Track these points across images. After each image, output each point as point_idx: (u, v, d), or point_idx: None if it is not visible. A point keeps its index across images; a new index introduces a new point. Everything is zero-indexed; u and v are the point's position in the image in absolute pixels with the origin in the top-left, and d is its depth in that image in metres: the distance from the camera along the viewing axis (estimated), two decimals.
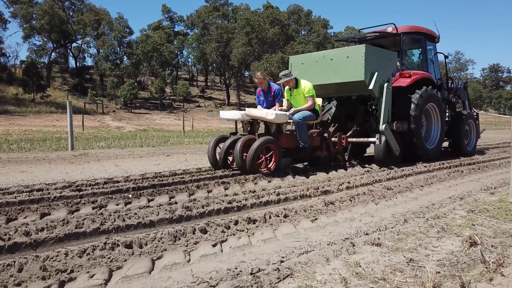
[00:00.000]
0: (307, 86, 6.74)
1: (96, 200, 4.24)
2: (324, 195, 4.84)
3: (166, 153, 10.17)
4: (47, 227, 2.98)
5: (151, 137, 19.51)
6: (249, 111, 6.37)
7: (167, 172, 6.28)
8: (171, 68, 58.95)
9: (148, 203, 4.34)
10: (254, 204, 4.11)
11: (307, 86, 6.74)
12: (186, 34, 61.79)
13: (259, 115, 6.26)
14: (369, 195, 4.73)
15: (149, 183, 5.17)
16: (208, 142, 6.83)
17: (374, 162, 7.54)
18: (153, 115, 45.32)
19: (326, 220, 3.69)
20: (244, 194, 4.67)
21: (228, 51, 51.18)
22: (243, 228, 3.31)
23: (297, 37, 51.52)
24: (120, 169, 7.02)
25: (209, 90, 63.44)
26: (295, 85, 6.83)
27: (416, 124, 7.44)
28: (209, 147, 6.49)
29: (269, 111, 6.29)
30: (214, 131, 31.71)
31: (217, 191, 5.03)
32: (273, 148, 6.19)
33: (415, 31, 8.38)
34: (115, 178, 5.74)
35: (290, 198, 4.48)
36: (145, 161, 8.19)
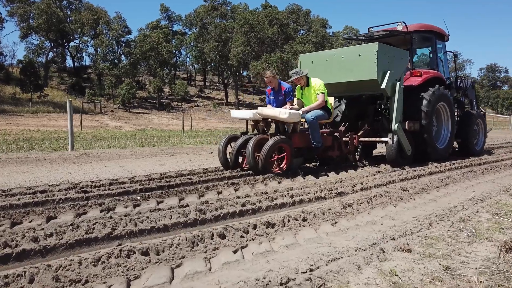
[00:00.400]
0: (318, 83, 6.59)
1: (103, 203, 4.06)
2: (339, 196, 4.68)
3: (169, 153, 9.98)
4: (56, 232, 2.80)
5: (150, 137, 19.32)
6: (261, 110, 6.22)
7: (173, 173, 6.10)
8: (169, 68, 58.71)
9: (157, 205, 4.17)
10: (269, 207, 3.94)
11: (318, 83, 6.59)
12: (184, 33, 61.51)
13: (272, 114, 6.09)
14: (385, 196, 4.57)
15: (156, 184, 4.99)
16: (219, 141, 6.66)
17: (384, 162, 7.40)
18: (151, 114, 45.08)
19: (346, 224, 3.52)
20: (256, 195, 4.51)
21: (226, 51, 50.97)
22: (262, 232, 3.13)
23: (296, 36, 51.35)
24: (124, 169, 6.83)
25: (207, 89, 63.21)
26: (306, 83, 6.68)
27: (428, 124, 7.32)
28: (220, 146, 6.34)
29: (282, 110, 6.12)
30: (213, 131, 31.53)
31: (227, 192, 4.86)
32: (286, 147, 6.04)
33: (426, 30, 8.24)
34: (120, 179, 5.56)
35: (305, 200, 4.31)
36: (148, 161, 8.00)
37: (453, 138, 8.32)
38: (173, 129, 34.10)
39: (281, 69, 46.41)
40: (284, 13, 51.82)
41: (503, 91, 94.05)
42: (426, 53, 8.94)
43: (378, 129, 7.46)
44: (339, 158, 7.15)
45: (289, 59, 45.29)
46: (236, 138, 6.44)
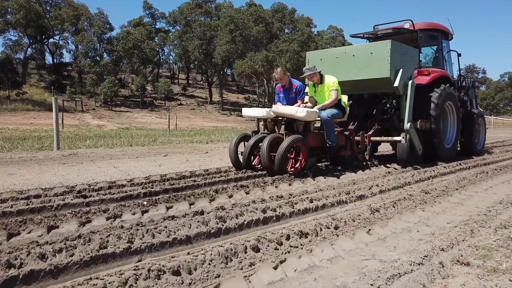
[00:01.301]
0: (332, 80, 6.34)
1: (108, 209, 3.67)
2: (359, 200, 4.39)
3: (162, 152, 9.55)
4: (66, 247, 2.41)
5: (136, 136, 18.74)
6: (276, 108, 5.95)
7: (174, 175, 5.71)
8: (152, 66, 57.68)
9: (167, 211, 3.81)
10: (292, 213, 3.62)
11: (331, 80, 6.33)
12: (167, 31, 60.53)
13: (288, 112, 5.81)
14: (409, 200, 4.30)
15: (160, 188, 4.61)
16: (230, 140, 6.37)
17: (391, 161, 7.27)
18: (134, 113, 44.15)
19: (381, 231, 3.22)
20: (272, 200, 4.18)
21: (211, 49, 50.33)
22: (296, 243, 2.80)
23: (281, 35, 51.06)
24: (120, 171, 6.40)
25: (191, 88, 62.43)
26: (320, 81, 6.42)
27: (437, 123, 7.20)
28: (231, 146, 6.07)
29: (299, 108, 5.86)
30: (198, 130, 30.99)
31: (239, 196, 4.51)
32: (302, 147, 5.80)
33: (432, 28, 8.13)
34: (118, 181, 5.15)
35: (327, 205, 4.01)
36: (143, 162, 7.57)
37: (459, 137, 8.19)
38: (157, 128, 33.41)
39: (266, 68, 46.12)
40: (269, 11, 51.40)
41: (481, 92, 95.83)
42: (430, 52, 8.75)
43: (388, 128, 7.24)
44: (351, 157, 6.91)
45: (275, 58, 45.01)
46: (247, 137, 6.21)
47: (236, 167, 6.06)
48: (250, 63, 45.26)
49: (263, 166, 5.68)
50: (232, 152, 6.03)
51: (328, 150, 6.30)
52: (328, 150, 6.30)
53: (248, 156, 5.92)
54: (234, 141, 6.13)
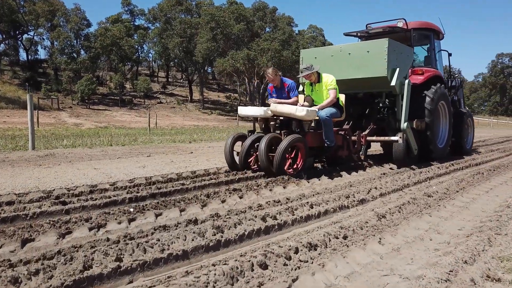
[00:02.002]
0: (330, 79, 6.14)
1: (90, 217, 3.31)
2: (361, 204, 4.15)
3: (144, 153, 9.14)
4: (44, 269, 2.06)
5: (115, 135, 18.17)
6: (275, 107, 5.73)
7: (159, 177, 5.37)
8: (131, 63, 56.60)
9: (156, 219, 3.48)
10: (295, 221, 3.34)
11: (329, 79, 6.14)
12: (147, 28, 59.44)
13: (288, 111, 5.61)
14: (413, 204, 4.07)
15: (147, 192, 4.27)
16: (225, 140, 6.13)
17: (384, 161, 7.15)
18: (113, 111, 43.17)
19: (393, 240, 2.97)
20: (269, 205, 3.89)
21: (191, 47, 49.69)
22: (306, 257, 2.52)
23: (262, 34, 50.79)
24: (101, 173, 6.00)
25: (171, 86, 61.58)
26: (317, 79, 6.21)
27: (432, 123, 7.14)
28: (226, 146, 5.83)
29: (299, 107, 5.67)
30: (179, 129, 30.45)
31: (233, 201, 4.21)
32: (301, 147, 5.61)
33: (425, 27, 8.05)
34: (100, 185, 4.78)
35: (329, 210, 3.75)
36: (126, 163, 7.17)
37: (451, 136, 8.12)
38: (136, 127, 32.71)
39: (248, 67, 45.84)
40: (250, 10, 51.04)
41: None
42: (420, 51, 8.62)
43: (383, 128, 7.07)
44: (348, 158, 6.75)
45: (256, 57, 44.75)
46: (243, 137, 6.02)
47: (231, 168, 5.83)
48: (232, 61, 44.87)
49: (261, 167, 5.47)
50: (228, 153, 5.80)
51: (326, 150, 6.12)
52: (326, 150, 6.12)
53: (245, 157, 5.69)
54: (230, 141, 5.88)
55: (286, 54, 45.19)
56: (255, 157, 5.80)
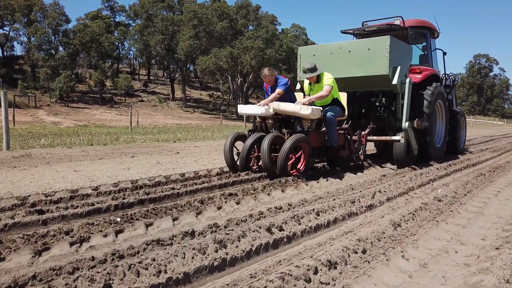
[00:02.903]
0: (328, 76, 5.88)
1: (71, 229, 2.90)
2: (369, 210, 3.85)
3: (128, 153, 8.68)
4: None
5: (96, 134, 17.55)
6: (278, 105, 5.49)
7: (146, 180, 4.97)
8: (111, 60, 55.45)
9: (147, 230, 3.09)
10: (304, 232, 2.99)
11: (328, 76, 5.88)
12: (127, 25, 58.28)
13: (291, 109, 5.39)
14: (425, 210, 3.78)
15: (134, 198, 3.87)
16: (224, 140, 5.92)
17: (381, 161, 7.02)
18: (93, 109, 42.13)
19: (417, 254, 2.66)
20: (271, 212, 3.55)
21: (173, 44, 48.94)
22: (327, 279, 2.18)
23: (245, 32, 50.38)
24: (82, 175, 5.54)
25: (152, 84, 60.61)
26: (317, 80, 5.96)
27: (430, 122, 6.96)
28: (226, 147, 5.57)
29: (303, 105, 5.40)
30: (161, 127, 29.85)
31: (229, 207, 3.84)
32: (304, 147, 5.37)
33: (422, 25, 7.88)
34: (81, 190, 4.35)
35: (338, 218, 3.42)
36: (109, 165, 6.71)
37: (447, 136, 7.96)
38: (117, 125, 31.96)
39: (231, 65, 45.40)
40: (233, 7, 50.51)
41: None
42: (415, 49, 8.42)
43: (381, 127, 6.84)
44: (348, 157, 6.51)
45: (239, 55, 44.33)
46: (243, 137, 5.80)
47: (231, 169, 5.59)
48: (214, 59, 44.36)
49: (264, 168, 5.23)
50: (227, 153, 5.55)
51: (328, 150, 5.92)
52: (329, 150, 5.91)
53: (246, 157, 5.44)
54: (229, 141, 5.62)
55: (270, 52, 44.92)
56: (255, 157, 5.62)
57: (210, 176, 5.44)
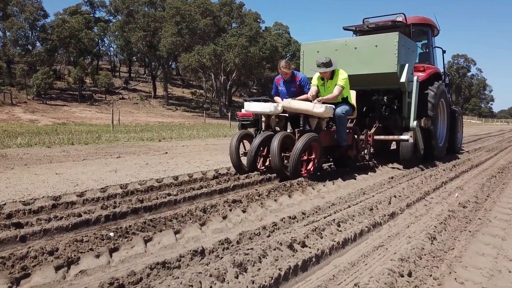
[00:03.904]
0: (343, 76, 5.52)
1: (56, 249, 2.43)
2: (392, 219, 3.48)
3: (112, 153, 8.13)
4: None
5: (76, 132, 16.84)
6: (288, 102, 5.17)
7: (137, 185, 4.50)
8: (91, 57, 54.09)
9: (146, 247, 2.63)
10: (332, 249, 2.58)
11: (343, 76, 5.52)
12: (108, 21, 56.90)
13: (303, 107, 5.08)
14: (453, 218, 3.42)
15: (127, 207, 3.40)
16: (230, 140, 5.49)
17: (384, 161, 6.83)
18: (72, 107, 40.91)
19: (470, 276, 2.28)
20: (285, 222, 3.15)
21: (155, 41, 47.96)
22: None
23: (229, 29, 49.75)
24: (64, 179, 5.01)
25: (134, 81, 59.40)
26: (331, 76, 5.59)
27: (434, 120, 6.77)
28: (232, 147, 5.26)
29: (316, 104, 5.09)
30: (143, 126, 29.12)
31: (236, 216, 3.41)
32: (315, 147, 5.08)
33: (423, 23, 7.64)
34: (64, 196, 3.86)
35: (364, 230, 3.01)
36: (93, 166, 6.18)
37: (448, 135, 7.76)
38: (98, 123, 31.06)
39: (214, 62, 44.77)
40: (216, 4, 49.78)
41: None
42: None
43: (386, 126, 6.61)
44: (355, 157, 6.20)
45: (223, 52, 43.75)
46: (249, 136, 5.58)
47: (238, 170, 5.31)
48: (197, 56, 43.63)
49: (274, 169, 4.94)
50: (234, 153, 5.22)
51: (337, 149, 5.62)
52: (338, 149, 5.62)
53: (254, 157, 5.17)
54: (235, 140, 5.30)
55: (254, 50, 44.46)
56: (263, 157, 5.38)
57: (206, 180, 5.01)
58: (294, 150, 4.74)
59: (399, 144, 6.43)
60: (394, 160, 7.14)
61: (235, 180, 4.85)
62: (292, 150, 4.77)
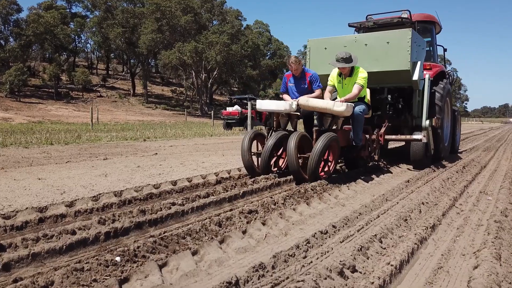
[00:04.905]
0: (363, 74, 5.22)
1: (51, 282, 1.93)
2: (433, 232, 3.09)
3: (97, 154, 7.53)
4: None
5: (54, 131, 16.03)
6: (306, 100, 4.89)
7: (133, 191, 4.01)
8: (67, 53, 52.52)
9: (163, 275, 2.14)
10: (391, 275, 2.14)
11: (363, 74, 5.21)
12: (85, 16, 55.34)
13: (323, 106, 4.77)
14: (501, 229, 3.03)
15: (129, 221, 2.91)
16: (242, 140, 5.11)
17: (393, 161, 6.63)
18: (48, 105, 39.55)
19: None
20: (317, 238, 2.75)
21: (135, 38, 46.85)
22: None
23: (210, 26, 49.04)
24: (49, 185, 4.43)
25: (112, 79, 58.01)
26: (349, 73, 5.27)
27: (442, 120, 6.57)
28: (243, 147, 4.97)
29: (337, 102, 4.83)
30: (122, 124, 28.28)
31: (256, 231, 2.95)
32: (334, 147, 4.85)
33: (428, 20, 7.42)
34: (52, 207, 3.34)
35: (413, 248, 2.59)
36: (79, 169, 5.59)
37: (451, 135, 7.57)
38: (76, 122, 30.06)
39: (195, 60, 44.04)
40: (197, 1, 48.95)
41: None
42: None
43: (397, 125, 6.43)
44: (367, 158, 5.88)
45: (204, 50, 43.06)
46: (260, 136, 5.30)
47: (250, 172, 5.01)
48: (178, 54, 42.82)
49: (291, 171, 4.67)
50: (246, 155, 4.93)
51: (352, 150, 5.32)
52: (352, 150, 5.32)
53: (268, 159, 4.88)
54: (247, 140, 4.99)
55: (235, 48, 43.95)
56: (276, 158, 5.15)
57: (209, 185, 4.55)
58: (314, 151, 4.45)
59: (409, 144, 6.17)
60: (399, 160, 6.89)
61: (242, 185, 4.39)
62: (312, 151, 4.48)
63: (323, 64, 6.08)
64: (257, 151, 5.15)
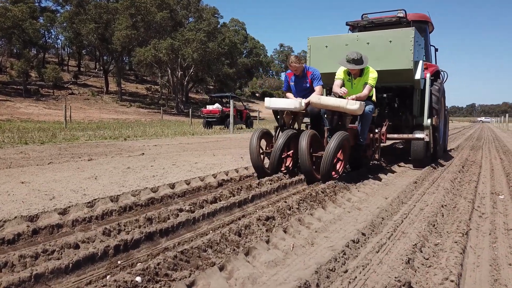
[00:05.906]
0: (374, 75, 5.11)
1: None
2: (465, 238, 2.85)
3: (80, 154, 7.07)
4: None
5: (25, 130, 15.29)
6: (318, 99, 4.79)
7: (129, 196, 3.69)
8: (37, 49, 50.64)
9: None
10: None
11: (373, 75, 5.10)
12: (55, 11, 53.48)
13: (335, 104, 4.65)
14: None
15: (140, 231, 2.57)
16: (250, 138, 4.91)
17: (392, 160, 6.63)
18: (16, 102, 37.93)
19: None
20: (351, 248, 2.51)
21: (108, 34, 45.58)
22: None
23: (186, 23, 48.29)
24: (35, 190, 4.01)
25: (84, 76, 56.33)
26: (360, 73, 5.16)
27: (439, 119, 6.60)
28: (252, 146, 4.79)
29: (350, 100, 4.71)
30: (97, 122, 27.44)
31: (281, 240, 2.68)
32: (345, 146, 4.72)
33: (423, 20, 7.35)
34: (44, 216, 2.98)
35: (455, 260, 2.37)
36: (65, 172, 5.16)
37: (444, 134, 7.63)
38: (47, 120, 28.90)
39: (172, 57, 43.29)
40: None
41: None
42: None
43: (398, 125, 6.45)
44: (370, 157, 5.80)
45: (180, 47, 42.35)
46: (268, 135, 5.16)
47: (260, 173, 4.84)
48: (154, 51, 41.94)
49: (303, 171, 4.58)
50: (255, 154, 4.75)
51: (357, 149, 5.18)
52: (358, 149, 5.18)
53: (278, 158, 4.73)
54: (255, 139, 4.81)
55: (212, 46, 43.43)
56: (285, 157, 4.97)
57: (210, 188, 4.26)
58: (327, 150, 4.30)
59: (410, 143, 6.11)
60: (398, 159, 6.82)
61: (247, 188, 4.11)
62: (325, 151, 4.33)
63: (323, 63, 5.97)
64: (265, 150, 4.98)
